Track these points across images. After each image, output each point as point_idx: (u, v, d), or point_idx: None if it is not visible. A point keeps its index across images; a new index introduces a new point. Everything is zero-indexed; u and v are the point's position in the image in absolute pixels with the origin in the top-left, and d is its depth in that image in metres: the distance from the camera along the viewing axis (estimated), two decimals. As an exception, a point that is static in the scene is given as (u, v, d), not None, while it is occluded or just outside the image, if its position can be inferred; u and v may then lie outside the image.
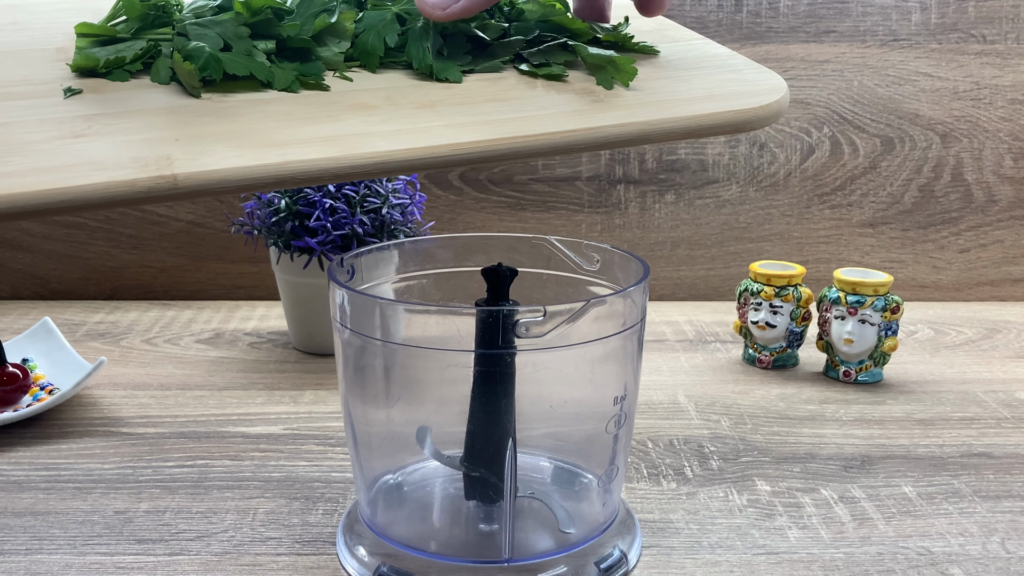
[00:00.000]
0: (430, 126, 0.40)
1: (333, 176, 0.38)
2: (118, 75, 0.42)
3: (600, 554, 0.46)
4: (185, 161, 0.36)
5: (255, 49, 0.42)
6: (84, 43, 0.43)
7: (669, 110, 0.41)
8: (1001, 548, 0.49)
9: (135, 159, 0.36)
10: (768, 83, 0.44)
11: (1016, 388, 0.72)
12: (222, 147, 0.37)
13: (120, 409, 0.66)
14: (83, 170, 0.35)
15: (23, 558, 0.47)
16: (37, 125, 0.38)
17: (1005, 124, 0.94)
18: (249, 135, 0.38)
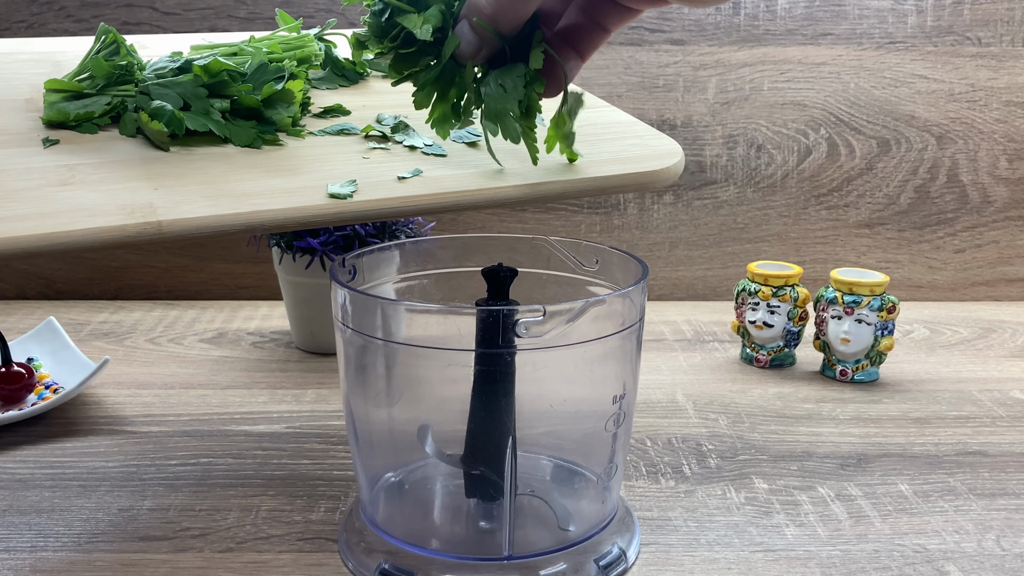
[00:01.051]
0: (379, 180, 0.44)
1: (299, 224, 0.41)
2: (87, 128, 0.45)
3: (599, 551, 0.46)
4: (167, 209, 0.39)
5: (212, 108, 0.46)
6: (54, 98, 0.46)
7: (586, 171, 0.47)
8: (996, 545, 0.49)
9: (122, 206, 0.39)
10: (666, 148, 0.50)
11: (1011, 387, 0.72)
12: (198, 197, 0.40)
13: (124, 408, 0.66)
14: (76, 216, 0.38)
15: (28, 555, 0.47)
16: (24, 173, 0.41)
17: (1000, 126, 0.94)
18: (219, 186, 0.42)
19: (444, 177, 0.44)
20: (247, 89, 0.47)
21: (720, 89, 0.92)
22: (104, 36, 0.49)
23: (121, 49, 0.49)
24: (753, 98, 0.93)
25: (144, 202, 0.39)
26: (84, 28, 0.89)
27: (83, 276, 0.95)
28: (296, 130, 0.48)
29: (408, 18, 0.42)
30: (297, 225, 0.41)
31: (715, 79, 0.92)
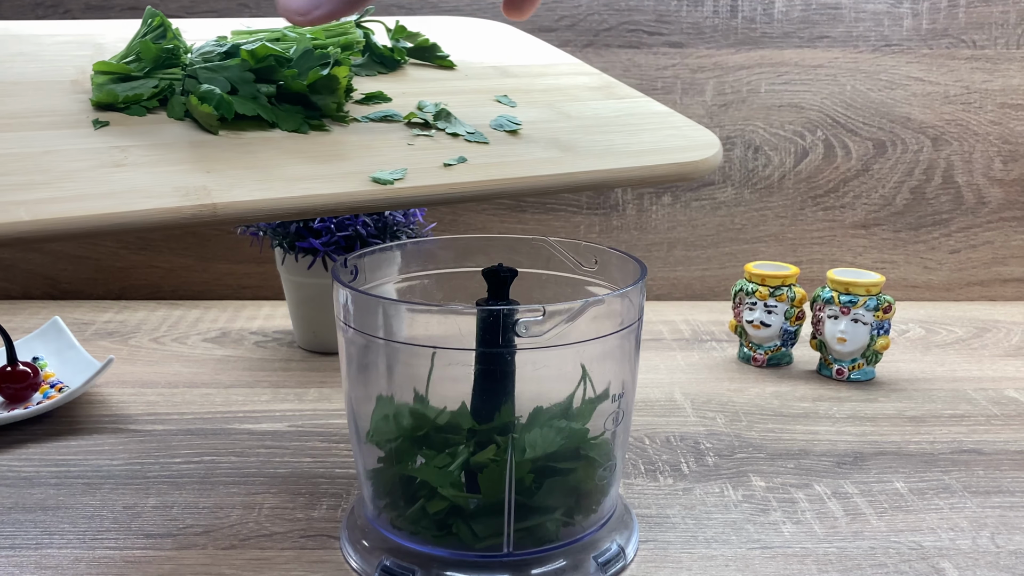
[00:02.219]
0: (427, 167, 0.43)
1: (348, 208, 0.41)
2: (135, 110, 0.45)
3: (598, 548, 0.46)
4: (221, 192, 0.39)
5: (259, 93, 0.46)
6: (102, 80, 0.46)
7: (626, 160, 0.45)
8: (991, 542, 0.49)
9: (176, 188, 0.39)
10: (704, 139, 0.50)
11: (1005, 386, 0.72)
12: (250, 181, 0.40)
13: (128, 407, 0.66)
14: (132, 197, 0.38)
15: (34, 552, 0.47)
16: (78, 154, 0.41)
17: (995, 128, 0.94)
18: (270, 170, 0.42)
19: (488, 164, 0.44)
20: (293, 74, 0.47)
21: (718, 91, 0.92)
22: (151, 19, 0.49)
23: (168, 32, 0.49)
24: (750, 100, 0.93)
25: (198, 185, 0.39)
26: (89, 31, 0.89)
27: (88, 276, 0.95)
28: (340, 116, 0.48)
29: None
30: (347, 210, 0.41)
31: (713, 81, 0.92)
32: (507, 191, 0.43)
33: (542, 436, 0.44)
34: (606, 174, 0.44)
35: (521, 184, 0.43)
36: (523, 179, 0.43)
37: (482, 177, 0.43)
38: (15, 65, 0.49)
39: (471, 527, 0.44)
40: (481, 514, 0.44)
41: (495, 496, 0.43)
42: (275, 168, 0.42)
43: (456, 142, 0.47)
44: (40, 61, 0.50)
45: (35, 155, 0.40)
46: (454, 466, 0.43)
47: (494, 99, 0.54)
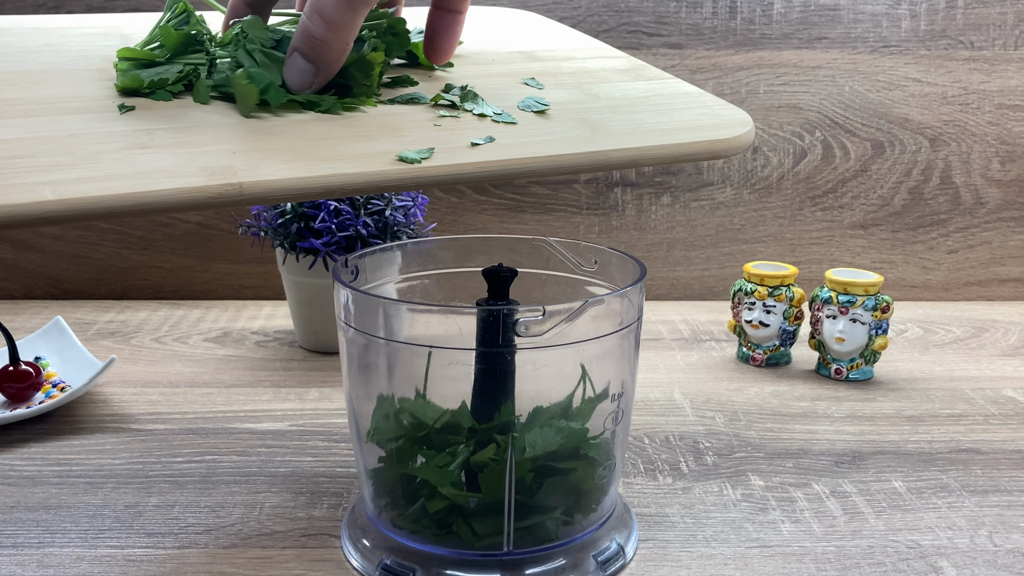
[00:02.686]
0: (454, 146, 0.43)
1: (376, 187, 0.41)
2: (160, 95, 0.45)
3: (598, 547, 0.46)
4: (247, 171, 0.39)
5: None
6: (126, 66, 0.46)
7: (657, 138, 0.45)
8: (989, 541, 0.49)
9: (203, 168, 0.39)
10: (737, 117, 0.49)
11: (1003, 385, 0.72)
12: (276, 160, 0.40)
13: (130, 406, 0.66)
14: (158, 177, 0.38)
15: (36, 551, 0.47)
16: (104, 137, 0.41)
17: (992, 128, 0.94)
18: (297, 150, 0.41)
19: (516, 144, 0.43)
20: None
21: (717, 92, 0.92)
22: (174, 6, 0.49)
23: (191, 19, 0.49)
24: (749, 101, 0.93)
25: (224, 165, 0.39)
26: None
27: (90, 276, 0.95)
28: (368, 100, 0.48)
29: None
30: (375, 189, 0.41)
31: (712, 82, 0.92)
32: (535, 170, 0.42)
33: (542, 435, 0.44)
34: (636, 152, 0.43)
35: (550, 163, 0.42)
36: (552, 157, 0.42)
37: (510, 156, 0.42)
38: (42, 56, 0.49)
39: (471, 526, 0.44)
40: (481, 513, 0.44)
41: (495, 495, 0.43)
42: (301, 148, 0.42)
43: (483, 123, 0.46)
44: (67, 51, 0.50)
45: (60, 138, 0.40)
46: (454, 465, 0.43)
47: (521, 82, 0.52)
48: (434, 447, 0.45)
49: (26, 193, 0.36)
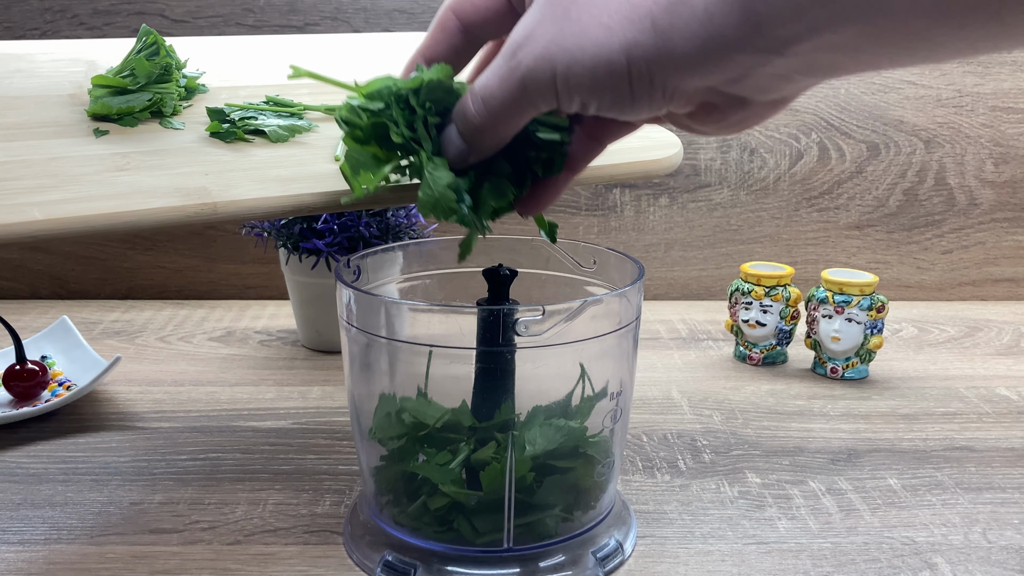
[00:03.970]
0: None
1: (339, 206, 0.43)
2: (127, 121, 0.47)
3: (597, 544, 0.46)
4: (220, 192, 0.41)
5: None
6: (99, 92, 0.48)
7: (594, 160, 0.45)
8: (982, 538, 0.49)
9: (178, 189, 0.41)
10: (666, 139, 0.51)
11: (996, 384, 0.72)
12: (246, 181, 0.42)
13: (135, 404, 0.66)
14: (137, 198, 0.40)
15: (42, 547, 0.47)
16: (83, 160, 0.43)
17: (986, 130, 0.94)
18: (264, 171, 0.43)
19: None
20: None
21: (714, 95, 0.92)
22: (145, 37, 0.51)
23: (161, 50, 0.51)
24: (746, 103, 0.93)
25: (198, 186, 0.41)
26: (97, 35, 0.89)
27: (95, 276, 0.95)
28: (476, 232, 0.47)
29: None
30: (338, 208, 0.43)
31: (709, 85, 0.92)
32: None
33: (541, 434, 0.44)
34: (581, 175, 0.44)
35: None
36: None
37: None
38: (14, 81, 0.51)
39: (472, 523, 0.44)
40: (482, 510, 0.44)
41: (495, 493, 0.43)
42: (269, 170, 0.44)
43: None
44: (38, 77, 0.52)
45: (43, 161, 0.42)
46: (455, 463, 0.43)
47: None
48: (435, 445, 0.45)
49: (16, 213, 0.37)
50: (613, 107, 0.34)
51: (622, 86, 0.32)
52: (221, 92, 0.54)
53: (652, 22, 0.31)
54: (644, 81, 0.32)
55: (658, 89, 0.32)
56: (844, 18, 0.27)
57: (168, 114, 0.49)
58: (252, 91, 0.54)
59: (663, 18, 0.30)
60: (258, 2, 0.89)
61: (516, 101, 0.35)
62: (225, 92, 0.54)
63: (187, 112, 0.51)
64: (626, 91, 0.33)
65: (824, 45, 0.28)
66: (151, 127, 0.47)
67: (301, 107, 0.51)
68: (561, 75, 0.33)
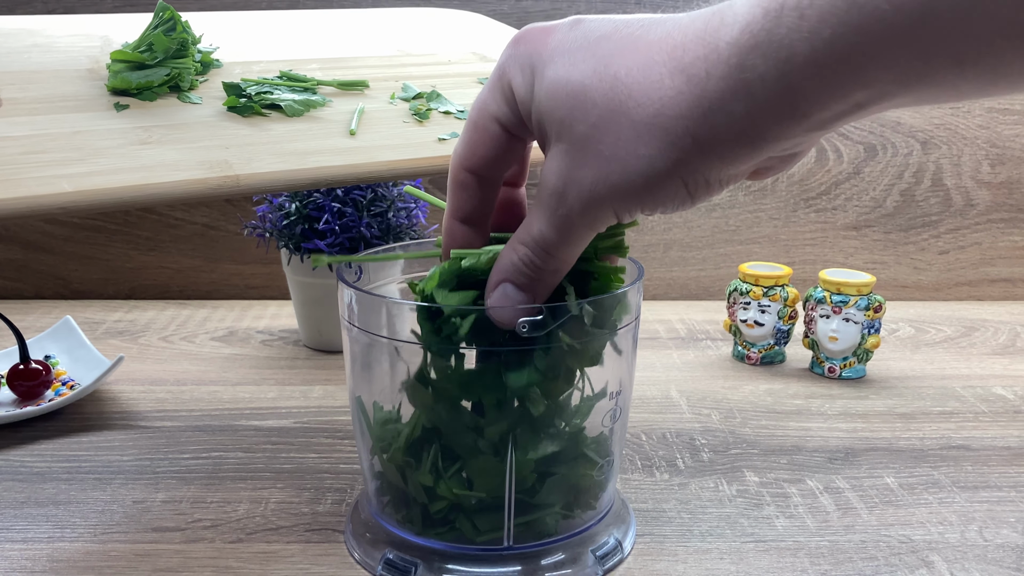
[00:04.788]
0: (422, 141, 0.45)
1: (357, 179, 0.43)
2: (147, 95, 0.47)
3: (596, 542, 0.46)
4: (241, 165, 0.41)
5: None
6: (118, 67, 0.48)
7: None
8: (979, 536, 0.49)
9: (201, 162, 0.41)
10: None
11: (993, 383, 0.72)
12: (267, 155, 0.42)
13: (138, 403, 0.66)
14: (162, 170, 0.40)
15: (46, 545, 0.47)
16: (106, 134, 0.43)
17: (982, 132, 0.94)
18: (284, 145, 0.44)
19: None
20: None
21: (713, 96, 0.92)
22: (162, 13, 0.51)
23: (177, 25, 0.51)
24: (744, 105, 0.93)
25: (220, 159, 0.41)
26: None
27: (98, 276, 0.95)
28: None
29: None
30: (356, 180, 0.43)
31: (708, 87, 0.92)
32: None
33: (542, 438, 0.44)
34: None
35: None
36: None
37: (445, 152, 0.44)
38: (32, 56, 0.51)
39: (472, 522, 0.44)
40: (482, 509, 0.44)
41: (495, 493, 0.43)
42: (289, 143, 0.44)
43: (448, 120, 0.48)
44: (55, 52, 0.52)
45: (67, 135, 0.42)
46: (455, 463, 0.43)
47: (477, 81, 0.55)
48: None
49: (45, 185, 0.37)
50: (673, 209, 0.35)
51: (680, 195, 0.33)
52: (235, 67, 0.54)
53: (693, 139, 0.31)
54: (701, 185, 0.33)
55: (715, 185, 0.33)
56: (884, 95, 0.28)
57: (186, 88, 0.49)
58: (265, 66, 0.54)
59: (703, 131, 0.31)
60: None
61: (576, 238, 0.36)
62: (239, 67, 0.54)
63: (203, 87, 0.51)
64: (684, 197, 0.33)
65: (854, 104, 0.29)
66: (169, 101, 0.48)
67: (315, 82, 0.51)
68: (618, 207, 0.34)
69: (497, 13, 0.89)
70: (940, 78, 0.27)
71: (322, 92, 0.51)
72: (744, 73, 0.29)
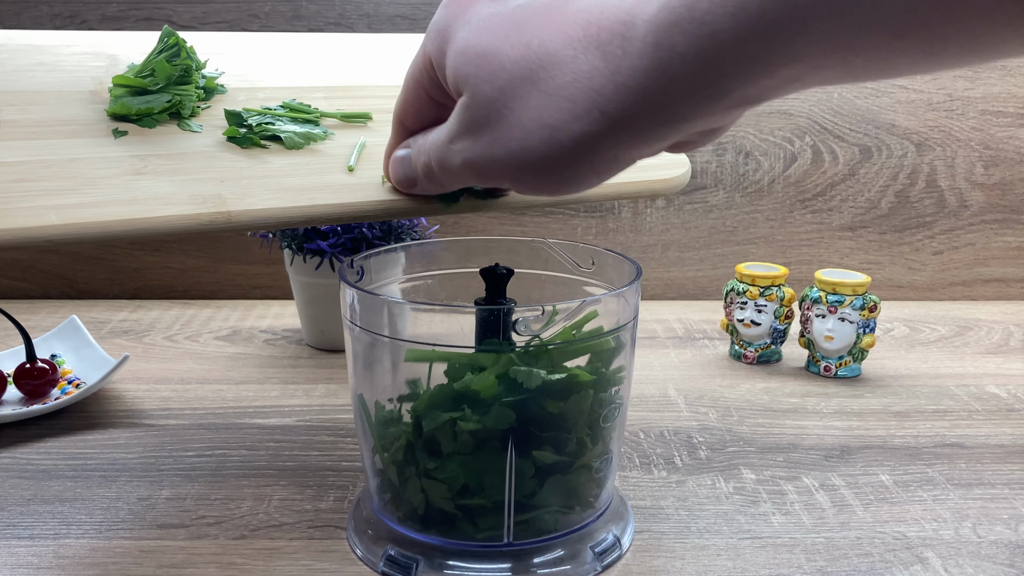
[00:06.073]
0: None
1: (351, 217, 0.42)
2: (146, 122, 0.47)
3: (595, 539, 0.46)
4: (235, 200, 0.40)
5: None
6: (119, 92, 0.47)
7: None
8: (972, 533, 0.49)
9: (193, 196, 0.40)
10: (674, 159, 0.51)
11: (986, 382, 0.72)
12: (261, 190, 0.42)
13: (143, 402, 0.66)
14: (153, 204, 0.39)
15: (52, 542, 0.47)
16: (101, 162, 0.42)
17: (976, 134, 0.94)
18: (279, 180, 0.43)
19: None
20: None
21: (710, 99, 0.92)
22: (167, 39, 0.51)
23: (182, 52, 0.50)
24: (741, 107, 0.93)
25: (213, 193, 0.40)
26: (105, 41, 0.89)
27: (104, 277, 0.95)
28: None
29: None
30: (351, 219, 0.42)
31: (705, 89, 0.92)
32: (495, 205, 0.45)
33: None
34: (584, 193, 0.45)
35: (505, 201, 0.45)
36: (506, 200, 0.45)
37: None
38: (36, 75, 0.50)
39: (473, 519, 0.44)
40: (482, 508, 0.44)
41: (496, 493, 0.43)
42: (284, 178, 0.43)
43: None
44: (59, 71, 0.51)
45: (61, 162, 0.41)
46: (456, 461, 0.43)
47: None
48: (436, 442, 0.44)
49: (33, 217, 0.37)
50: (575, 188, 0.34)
51: (583, 171, 0.32)
52: (239, 93, 0.53)
53: (603, 114, 0.30)
54: (608, 161, 0.32)
55: (625, 161, 0.32)
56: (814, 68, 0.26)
57: (186, 116, 0.48)
58: (270, 93, 0.53)
59: (615, 109, 0.29)
60: (263, 8, 0.89)
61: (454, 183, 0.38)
62: (243, 94, 0.53)
63: (205, 113, 0.50)
64: (588, 174, 0.32)
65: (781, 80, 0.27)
66: (169, 129, 0.47)
67: (318, 113, 0.51)
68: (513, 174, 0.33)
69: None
70: (875, 52, 0.25)
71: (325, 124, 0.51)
72: (661, 52, 0.27)
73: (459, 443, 0.43)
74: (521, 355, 0.42)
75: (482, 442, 0.43)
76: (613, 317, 0.44)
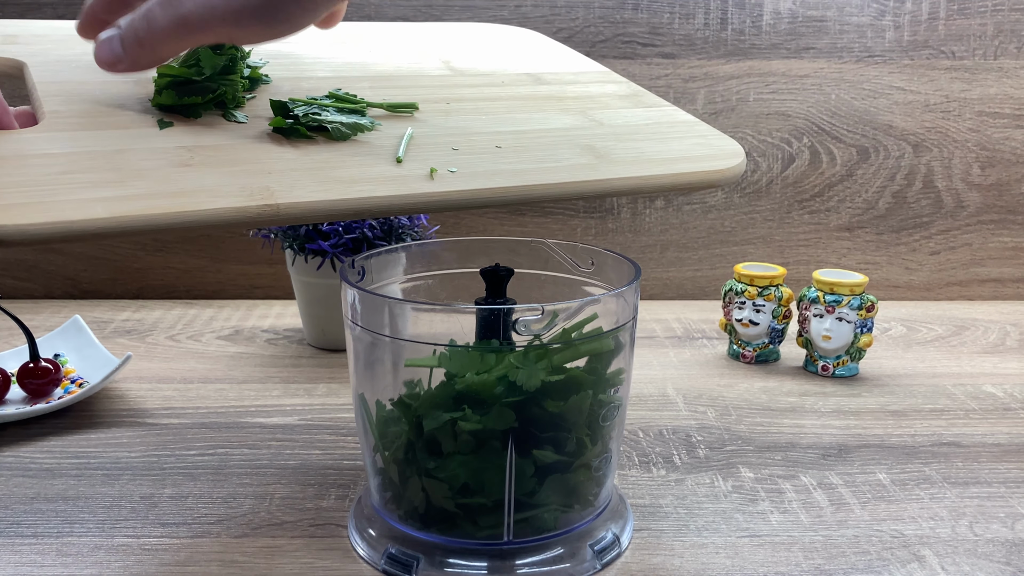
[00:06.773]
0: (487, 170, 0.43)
1: (401, 210, 0.41)
2: (191, 112, 0.46)
3: (594, 537, 0.46)
4: (283, 193, 0.39)
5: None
6: (164, 82, 0.47)
7: (658, 168, 0.45)
8: (969, 531, 0.49)
9: (241, 188, 0.39)
10: (730, 148, 0.49)
11: (983, 381, 0.72)
12: (309, 182, 0.40)
13: (145, 401, 0.66)
14: (201, 196, 0.38)
15: (55, 540, 0.47)
16: (147, 154, 0.41)
17: (973, 135, 0.94)
18: (327, 172, 0.42)
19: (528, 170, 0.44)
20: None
21: (708, 100, 0.92)
22: None
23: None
24: (740, 108, 0.93)
25: (261, 185, 0.39)
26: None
27: (107, 276, 0.95)
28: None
29: None
30: (400, 211, 0.41)
31: (704, 91, 0.92)
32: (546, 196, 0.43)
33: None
34: (639, 181, 0.44)
35: (559, 190, 0.43)
36: (560, 184, 0.43)
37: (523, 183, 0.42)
38: (80, 65, 0.49)
39: (473, 518, 0.44)
40: (482, 507, 0.44)
41: (496, 493, 0.43)
42: (332, 170, 0.42)
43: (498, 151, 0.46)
44: None
45: (107, 153, 0.40)
46: (456, 460, 0.43)
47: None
48: (436, 441, 0.44)
49: (80, 210, 0.35)
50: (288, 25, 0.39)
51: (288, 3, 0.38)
52: (284, 83, 0.52)
53: None
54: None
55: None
56: None
57: (232, 106, 0.47)
58: (315, 83, 0.52)
59: None
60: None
61: (166, 46, 0.40)
62: (288, 84, 0.52)
63: (250, 104, 0.49)
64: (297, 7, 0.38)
65: None
66: (214, 119, 0.46)
67: (364, 104, 0.50)
68: (231, 18, 0.38)
69: (497, 19, 0.89)
70: None
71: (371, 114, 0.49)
72: None
73: (460, 443, 0.43)
74: (521, 355, 0.42)
75: (482, 442, 0.43)
76: (612, 317, 0.44)
